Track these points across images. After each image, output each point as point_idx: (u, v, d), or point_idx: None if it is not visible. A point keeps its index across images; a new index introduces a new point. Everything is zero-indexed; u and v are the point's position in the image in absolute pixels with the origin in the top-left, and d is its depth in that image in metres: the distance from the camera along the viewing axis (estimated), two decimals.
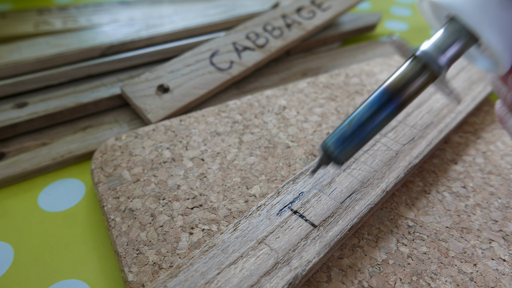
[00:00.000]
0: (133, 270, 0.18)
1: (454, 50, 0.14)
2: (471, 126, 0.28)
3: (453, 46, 0.14)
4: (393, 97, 0.15)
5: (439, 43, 0.15)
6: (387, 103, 0.16)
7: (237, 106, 0.29)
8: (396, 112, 0.16)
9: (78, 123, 0.29)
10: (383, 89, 0.16)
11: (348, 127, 0.16)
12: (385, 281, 0.18)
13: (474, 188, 0.23)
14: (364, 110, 0.16)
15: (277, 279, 0.16)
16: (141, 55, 0.34)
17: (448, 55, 0.14)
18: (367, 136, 0.16)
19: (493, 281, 0.18)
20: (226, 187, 0.22)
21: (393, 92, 0.15)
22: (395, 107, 0.16)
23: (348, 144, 0.17)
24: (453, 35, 0.14)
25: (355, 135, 0.16)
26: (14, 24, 0.40)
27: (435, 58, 0.14)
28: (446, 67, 0.15)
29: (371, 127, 0.16)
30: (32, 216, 0.23)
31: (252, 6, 0.44)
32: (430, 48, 0.15)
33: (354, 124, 0.16)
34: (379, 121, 0.16)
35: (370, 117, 0.16)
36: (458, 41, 0.14)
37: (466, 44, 0.14)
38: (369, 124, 0.16)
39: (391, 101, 0.15)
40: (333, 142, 0.17)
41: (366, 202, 0.20)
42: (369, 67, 0.34)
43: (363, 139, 0.16)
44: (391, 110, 0.16)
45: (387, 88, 0.16)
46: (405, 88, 0.15)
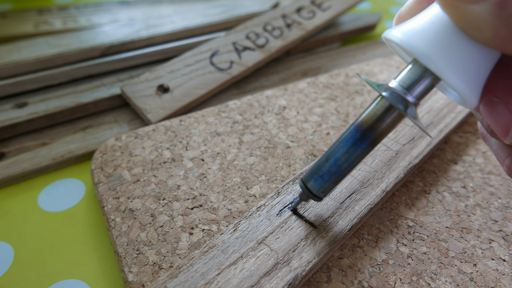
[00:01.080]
0: (133, 270, 0.18)
1: (420, 88, 0.15)
2: (471, 126, 0.28)
3: (420, 84, 0.14)
4: (365, 134, 0.16)
5: (405, 82, 0.15)
6: (360, 140, 0.16)
7: (237, 106, 0.29)
8: (370, 148, 0.16)
9: (78, 123, 0.29)
10: (355, 126, 0.16)
11: (324, 164, 0.17)
12: (385, 281, 0.18)
13: (474, 188, 0.23)
14: (338, 147, 0.17)
15: (277, 279, 0.16)
16: (141, 55, 0.34)
17: (416, 93, 0.15)
18: (343, 172, 0.17)
19: (493, 281, 0.18)
20: (226, 187, 0.22)
21: (364, 129, 0.16)
22: (368, 144, 0.16)
23: (325, 181, 0.17)
24: (419, 73, 0.14)
25: (331, 172, 0.17)
26: (14, 24, 0.40)
27: (402, 97, 0.15)
28: (415, 103, 0.15)
29: (346, 163, 0.17)
30: (32, 216, 0.23)
31: (252, 6, 0.44)
32: (396, 86, 0.15)
33: (330, 162, 0.17)
34: (354, 158, 0.16)
35: (344, 153, 0.16)
36: (424, 79, 0.14)
37: (432, 82, 0.14)
38: (344, 161, 0.16)
39: (364, 139, 0.16)
40: (310, 179, 0.18)
41: (366, 202, 0.20)
42: (369, 67, 0.34)
43: (340, 175, 0.17)
44: (365, 147, 0.16)
45: (359, 125, 0.16)
46: (375, 126, 0.16)
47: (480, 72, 0.13)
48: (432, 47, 0.13)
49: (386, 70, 0.34)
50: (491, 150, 0.18)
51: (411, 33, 0.14)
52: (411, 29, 0.14)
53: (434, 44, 0.13)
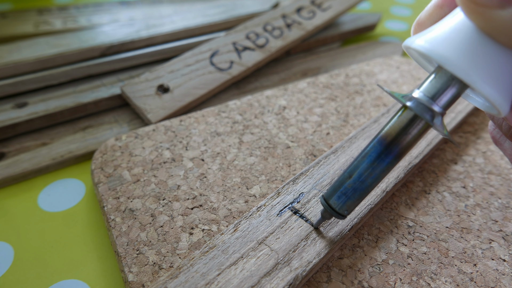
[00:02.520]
0: (133, 270, 0.18)
1: (447, 97, 0.14)
2: (471, 126, 0.28)
3: (446, 93, 0.14)
4: (389, 147, 0.15)
5: (430, 91, 0.14)
6: (384, 154, 0.15)
7: (237, 106, 0.29)
8: (395, 162, 0.16)
9: (78, 123, 0.29)
10: (379, 139, 0.15)
11: (347, 180, 0.16)
12: (385, 281, 0.18)
13: (474, 188, 0.23)
14: (362, 162, 0.16)
15: (277, 279, 0.16)
16: (141, 55, 0.34)
17: (442, 102, 0.14)
18: (368, 189, 0.16)
19: (493, 281, 0.18)
20: (226, 187, 0.22)
21: (388, 142, 0.15)
22: (393, 158, 0.15)
23: (349, 198, 0.16)
24: (444, 82, 0.14)
25: (355, 188, 0.16)
26: (14, 24, 0.40)
27: (428, 107, 0.14)
28: (441, 113, 0.14)
29: (371, 179, 0.16)
30: (32, 216, 0.23)
31: (252, 6, 0.44)
32: (421, 96, 0.14)
33: (354, 178, 0.16)
34: (379, 173, 0.16)
35: (368, 168, 0.16)
36: (450, 87, 0.14)
37: (459, 90, 0.14)
38: (368, 176, 0.16)
39: (389, 152, 0.15)
40: (332, 196, 0.17)
41: (366, 202, 0.20)
42: (369, 67, 0.34)
43: (364, 192, 0.16)
44: (390, 161, 0.15)
45: (383, 138, 0.15)
46: (400, 138, 0.15)
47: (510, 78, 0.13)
48: (459, 55, 0.13)
49: (386, 70, 0.34)
50: (505, 154, 0.18)
51: (436, 41, 0.13)
52: (436, 36, 0.13)
53: (462, 52, 0.13)
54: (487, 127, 0.28)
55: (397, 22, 0.49)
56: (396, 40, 0.44)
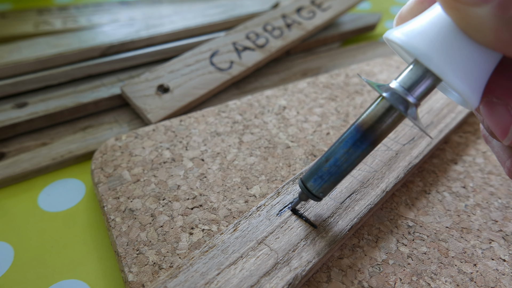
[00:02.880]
0: (133, 270, 0.18)
1: (421, 89, 0.15)
2: (471, 126, 0.28)
3: (420, 85, 0.14)
4: (365, 135, 0.16)
5: (406, 82, 0.15)
6: (360, 141, 0.16)
7: (237, 106, 0.29)
8: (370, 149, 0.16)
9: (78, 123, 0.29)
10: (355, 127, 0.16)
11: (324, 164, 0.17)
12: (385, 281, 0.18)
13: (474, 188, 0.23)
14: (338, 148, 0.17)
15: (277, 279, 0.16)
16: (141, 55, 0.34)
17: (416, 94, 0.15)
18: (343, 173, 0.17)
19: (493, 281, 0.18)
20: (226, 187, 0.22)
21: (365, 130, 0.16)
22: (368, 145, 0.16)
23: (325, 181, 0.17)
24: (419, 74, 0.14)
25: (331, 172, 0.17)
26: (14, 24, 0.40)
27: (403, 97, 0.15)
28: (415, 104, 0.15)
29: (346, 164, 0.17)
30: (32, 216, 0.23)
31: (252, 6, 0.44)
32: (397, 87, 0.15)
33: (330, 162, 0.17)
34: (354, 159, 0.16)
35: (344, 154, 0.16)
36: (425, 80, 0.14)
37: (433, 82, 0.14)
38: (344, 161, 0.16)
39: (364, 139, 0.16)
40: (309, 179, 0.18)
41: (366, 202, 0.20)
42: (369, 67, 0.34)
43: (339, 176, 0.17)
44: (365, 148, 0.16)
45: (359, 126, 0.16)
46: (375, 126, 0.16)
47: (481, 74, 0.13)
48: (433, 48, 0.13)
49: (386, 70, 0.34)
50: (493, 151, 0.18)
51: (412, 33, 0.13)
52: (412, 29, 0.14)
53: (436, 45, 0.13)
54: None
55: None
56: None
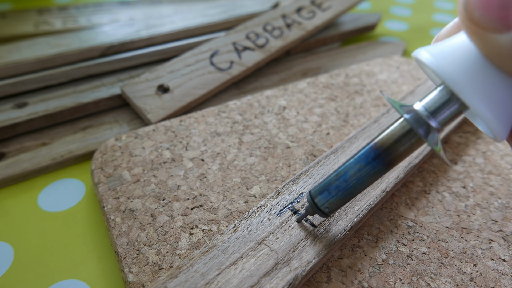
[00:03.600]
0: (133, 270, 0.18)
1: (446, 114, 0.14)
2: (471, 126, 0.28)
3: (446, 109, 0.14)
4: (380, 155, 0.15)
5: (431, 106, 0.14)
6: (374, 160, 0.15)
7: (237, 107, 0.29)
8: (385, 170, 0.16)
9: (78, 123, 0.29)
10: (372, 145, 0.15)
11: (334, 179, 0.16)
12: (385, 281, 0.18)
13: (474, 188, 0.23)
14: (351, 164, 0.16)
15: (277, 279, 0.16)
16: (141, 55, 0.34)
17: (440, 118, 0.14)
18: (353, 192, 0.16)
19: (493, 281, 0.18)
20: (226, 187, 0.22)
21: (380, 150, 0.15)
22: (382, 166, 0.15)
23: (332, 196, 0.16)
24: (446, 98, 0.14)
25: (339, 188, 0.16)
26: (14, 24, 0.40)
27: (425, 121, 0.14)
28: (438, 129, 0.14)
29: (357, 183, 0.16)
30: (32, 216, 0.23)
31: (252, 6, 0.44)
32: (420, 109, 0.14)
33: (340, 178, 0.16)
34: (366, 178, 0.16)
35: (356, 172, 0.16)
36: (451, 105, 0.14)
37: (460, 108, 0.14)
38: (355, 179, 0.16)
39: (379, 160, 0.15)
40: (318, 193, 0.17)
41: (366, 203, 0.20)
42: (369, 67, 0.34)
43: (347, 193, 0.16)
44: (379, 168, 0.15)
45: (375, 145, 0.15)
46: (392, 148, 0.15)
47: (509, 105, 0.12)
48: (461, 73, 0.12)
49: (386, 70, 0.34)
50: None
51: (441, 55, 0.13)
52: (441, 51, 0.13)
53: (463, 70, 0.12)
54: None
55: (397, 22, 0.49)
56: (396, 40, 0.44)
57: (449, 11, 0.53)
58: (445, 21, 0.50)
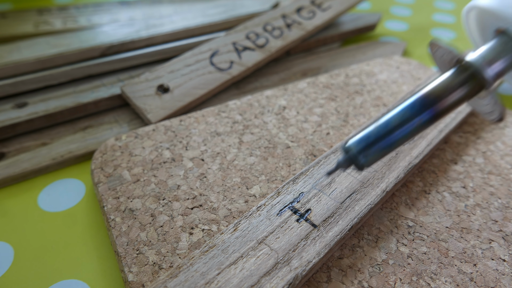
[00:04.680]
0: (133, 270, 0.18)
1: (503, 65, 0.13)
2: (471, 126, 0.28)
3: (502, 60, 0.13)
4: (430, 104, 0.14)
5: (487, 56, 0.13)
6: (422, 110, 0.14)
7: (237, 106, 0.29)
8: (432, 122, 0.15)
9: (78, 123, 0.29)
10: (421, 95, 0.14)
11: (375, 131, 0.15)
12: (385, 281, 0.18)
13: (474, 188, 0.23)
14: (396, 115, 0.15)
15: (277, 279, 0.16)
16: (141, 55, 0.34)
17: (496, 69, 0.13)
18: (395, 143, 0.15)
19: (493, 281, 0.18)
20: (226, 187, 0.22)
21: (431, 99, 0.14)
22: (431, 116, 0.14)
23: (373, 149, 0.15)
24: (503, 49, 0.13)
25: (381, 141, 0.15)
26: (14, 24, 0.40)
27: (482, 70, 0.13)
28: (492, 81, 0.14)
29: (400, 134, 0.15)
30: (32, 216, 0.23)
31: (252, 6, 0.44)
32: (477, 58, 0.14)
33: (382, 129, 0.15)
34: (411, 129, 0.15)
35: (401, 123, 0.15)
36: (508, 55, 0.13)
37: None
38: (399, 131, 0.15)
39: (427, 109, 0.14)
40: (356, 145, 0.16)
41: (366, 202, 0.20)
42: (369, 67, 0.34)
43: (390, 146, 0.15)
44: (426, 119, 0.14)
45: (425, 94, 0.14)
46: (445, 96, 0.14)
47: None
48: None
49: (386, 70, 0.34)
50: None
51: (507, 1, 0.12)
52: None
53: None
54: (487, 127, 0.28)
55: (397, 22, 0.49)
56: (396, 40, 0.44)
57: (449, 11, 0.53)
58: (445, 21, 0.50)
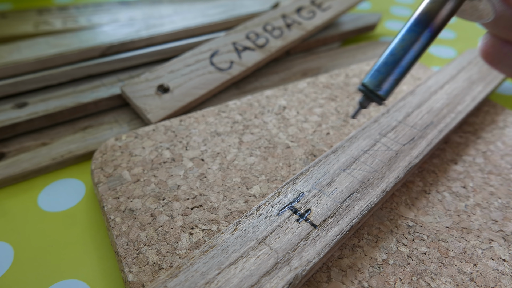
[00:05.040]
0: (133, 270, 0.18)
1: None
2: (471, 126, 0.28)
3: None
4: (426, 24, 0.15)
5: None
6: (421, 32, 0.15)
7: (237, 106, 0.29)
8: (433, 38, 0.16)
9: (78, 123, 0.29)
10: (416, 18, 0.16)
11: (384, 63, 0.16)
12: (385, 281, 0.18)
13: (474, 188, 0.23)
14: (398, 43, 0.16)
15: (277, 279, 0.16)
16: (141, 55, 0.34)
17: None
18: (405, 69, 0.16)
19: (493, 281, 0.18)
20: (226, 187, 0.22)
21: (426, 18, 0.15)
22: (430, 35, 0.15)
23: (381, 74, 0.16)
24: None
25: (389, 63, 0.16)
26: (14, 24, 0.40)
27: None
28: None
29: (407, 60, 0.16)
30: (32, 216, 0.23)
31: (252, 6, 0.44)
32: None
33: (389, 59, 0.16)
34: (415, 52, 0.16)
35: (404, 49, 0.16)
36: None
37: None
38: (405, 57, 0.16)
39: (425, 29, 0.15)
40: (371, 81, 0.17)
41: (366, 202, 0.20)
42: (369, 67, 0.34)
43: (401, 73, 0.16)
44: (427, 38, 0.15)
45: (420, 16, 0.15)
46: (437, 10, 0.15)
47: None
48: None
49: None
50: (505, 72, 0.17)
51: None
52: None
53: None
54: (487, 127, 0.28)
55: (397, 22, 0.49)
56: None
57: None
58: None
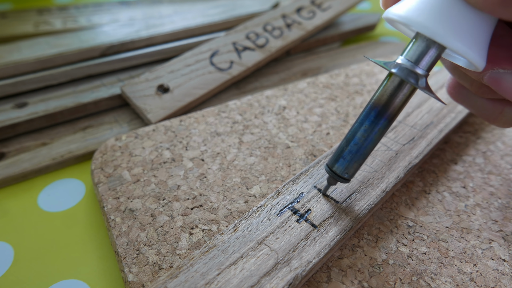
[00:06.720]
0: (133, 270, 0.18)
1: (428, 59, 0.15)
2: (471, 126, 0.28)
3: (426, 55, 0.15)
4: (380, 112, 0.16)
5: (412, 56, 0.15)
6: (376, 118, 0.17)
7: (237, 106, 0.29)
8: (387, 125, 0.17)
9: (78, 123, 0.29)
10: (370, 105, 0.17)
11: (345, 146, 0.18)
12: (385, 281, 0.18)
13: (474, 188, 0.23)
14: (356, 128, 0.17)
15: (277, 279, 0.16)
16: (141, 55, 0.34)
17: (424, 64, 0.15)
18: (364, 151, 0.17)
19: (493, 281, 0.18)
20: (226, 187, 0.22)
21: (379, 107, 0.16)
22: (384, 120, 0.17)
23: (347, 161, 0.18)
24: (424, 46, 0.15)
25: (352, 152, 0.17)
26: (14, 24, 0.40)
27: (412, 70, 0.15)
28: (425, 75, 0.15)
29: (366, 142, 0.17)
30: (32, 216, 0.23)
31: (252, 6, 0.44)
32: (404, 61, 0.15)
33: (351, 142, 0.17)
34: (372, 136, 0.17)
35: (363, 133, 0.17)
36: (430, 50, 0.15)
37: (439, 51, 0.15)
38: (364, 140, 0.17)
39: (380, 116, 0.17)
40: (334, 162, 0.18)
41: (366, 202, 0.20)
42: (369, 67, 0.34)
43: (361, 154, 0.17)
44: (382, 124, 0.17)
45: (374, 104, 0.17)
46: (389, 102, 0.16)
47: (481, 36, 0.14)
48: (432, 18, 0.14)
49: (386, 70, 0.34)
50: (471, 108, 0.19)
51: (410, 8, 0.14)
52: (410, 4, 0.14)
53: (434, 15, 0.14)
54: (487, 127, 0.28)
55: None
56: (396, 40, 0.44)
57: None
58: None
